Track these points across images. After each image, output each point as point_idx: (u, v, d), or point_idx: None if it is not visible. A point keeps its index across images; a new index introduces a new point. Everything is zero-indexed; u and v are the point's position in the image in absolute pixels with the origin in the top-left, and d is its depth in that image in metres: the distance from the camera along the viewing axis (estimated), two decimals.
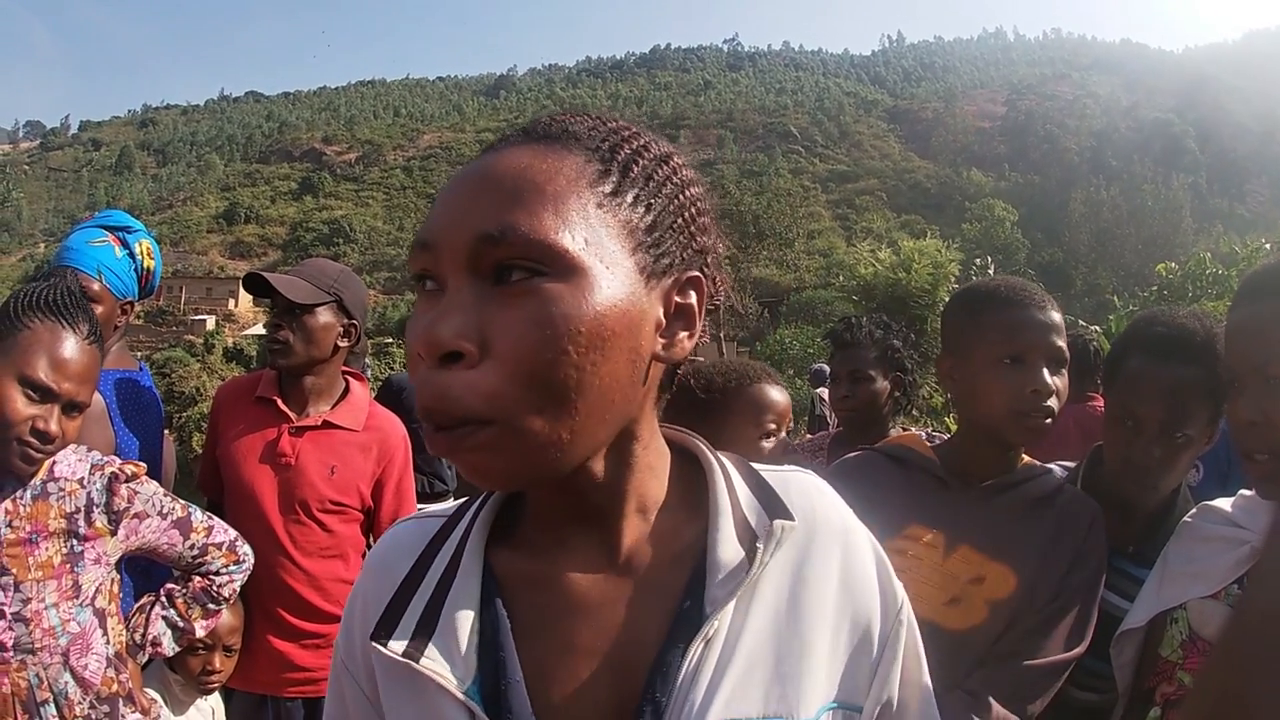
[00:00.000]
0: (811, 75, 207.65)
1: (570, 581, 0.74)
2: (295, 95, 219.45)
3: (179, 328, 65.54)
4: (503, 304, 0.62)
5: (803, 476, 0.83)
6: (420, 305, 0.66)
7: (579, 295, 0.62)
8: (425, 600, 0.74)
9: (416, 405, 0.62)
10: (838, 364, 2.72)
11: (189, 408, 24.64)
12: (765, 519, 0.74)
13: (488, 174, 0.66)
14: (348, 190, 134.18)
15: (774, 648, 0.72)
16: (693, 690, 0.68)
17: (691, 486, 0.78)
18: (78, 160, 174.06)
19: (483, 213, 0.63)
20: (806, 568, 0.75)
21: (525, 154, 0.66)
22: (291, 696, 2.31)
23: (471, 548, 0.76)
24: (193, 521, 1.90)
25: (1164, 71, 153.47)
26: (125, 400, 2.21)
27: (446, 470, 5.25)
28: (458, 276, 0.63)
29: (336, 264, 2.50)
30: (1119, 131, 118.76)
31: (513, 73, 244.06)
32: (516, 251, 0.62)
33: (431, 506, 0.89)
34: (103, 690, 1.69)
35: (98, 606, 1.71)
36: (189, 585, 1.95)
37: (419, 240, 0.66)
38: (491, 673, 0.70)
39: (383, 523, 2.41)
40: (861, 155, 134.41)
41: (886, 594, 0.79)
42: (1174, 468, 1.59)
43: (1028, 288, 1.60)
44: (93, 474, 1.73)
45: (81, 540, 1.68)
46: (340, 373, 2.45)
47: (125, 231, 2.32)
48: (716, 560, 0.72)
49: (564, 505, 0.74)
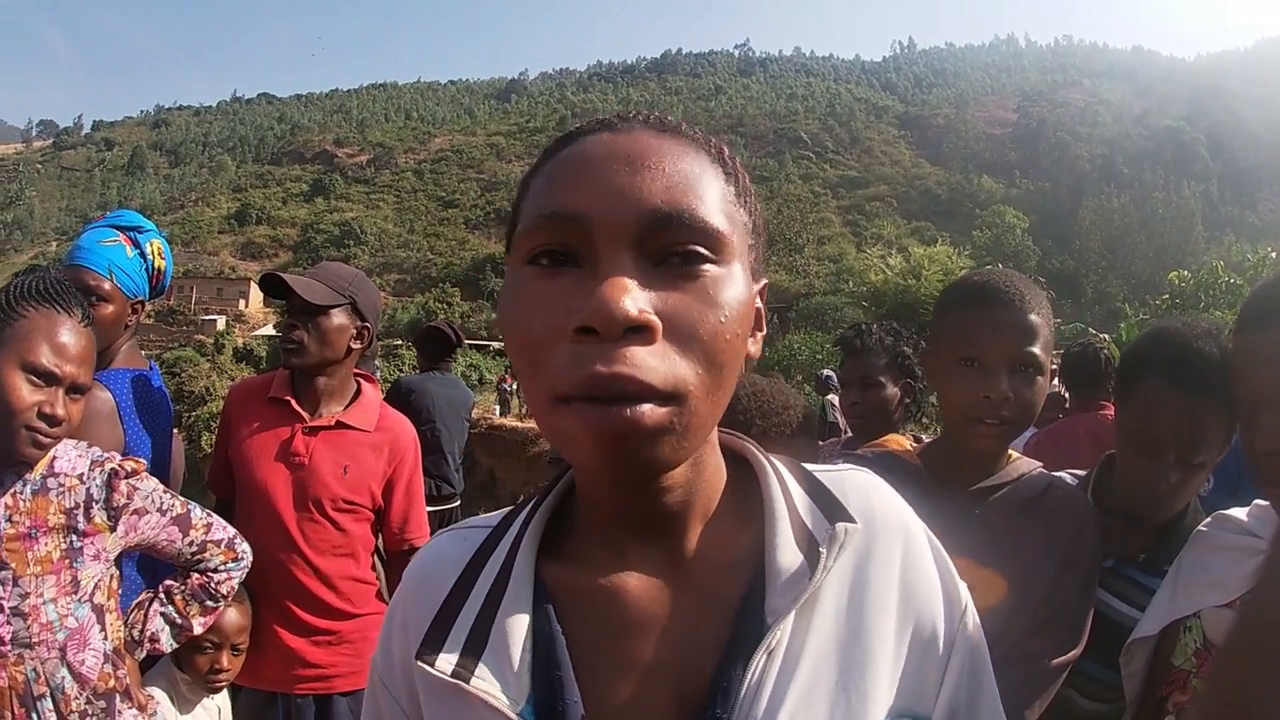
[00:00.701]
0: (822, 81, 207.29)
1: (626, 595, 0.71)
2: (307, 97, 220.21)
3: (189, 327, 65.85)
4: (674, 284, 0.62)
5: (859, 474, 0.79)
6: (543, 284, 0.63)
7: (735, 284, 0.64)
8: (474, 616, 0.72)
9: (579, 380, 0.59)
10: (848, 370, 2.72)
11: (198, 407, 24.75)
12: (825, 522, 0.71)
13: (644, 155, 0.64)
14: (359, 192, 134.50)
15: (837, 657, 0.69)
16: (755, 705, 0.65)
17: (744, 491, 0.75)
18: (90, 160, 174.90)
19: (654, 194, 0.62)
20: (868, 571, 0.72)
21: (670, 143, 0.66)
22: (303, 694, 2.33)
23: (522, 559, 0.73)
24: (192, 518, 1.92)
25: (1175, 79, 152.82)
26: (136, 399, 2.22)
27: (454, 474, 5.27)
28: (618, 253, 0.61)
29: (351, 268, 2.53)
30: (1130, 139, 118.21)
31: (524, 76, 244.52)
32: (690, 236, 0.62)
33: (474, 518, 0.87)
34: (100, 686, 1.70)
35: (96, 602, 1.73)
36: (187, 582, 1.97)
37: (558, 213, 0.63)
38: (546, 692, 0.68)
39: (392, 523, 2.44)
40: (872, 161, 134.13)
41: (950, 595, 0.76)
42: (1189, 489, 1.53)
43: (1006, 286, 1.51)
44: (92, 470, 1.75)
45: (81, 536, 1.69)
46: (352, 374, 2.48)
47: (136, 231, 2.34)
48: (776, 567, 0.69)
49: (630, 512, 0.71)
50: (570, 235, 0.62)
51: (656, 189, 0.62)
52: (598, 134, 0.67)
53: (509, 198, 68.32)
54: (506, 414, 22.26)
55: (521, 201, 0.69)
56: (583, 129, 0.69)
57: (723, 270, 0.64)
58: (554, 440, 0.63)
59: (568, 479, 0.80)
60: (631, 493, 0.69)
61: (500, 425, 16.90)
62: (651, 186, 0.62)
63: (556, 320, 0.61)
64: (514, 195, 0.72)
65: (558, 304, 0.61)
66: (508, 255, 0.71)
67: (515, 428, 16.44)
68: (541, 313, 0.62)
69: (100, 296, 2.19)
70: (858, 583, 0.71)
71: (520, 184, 0.71)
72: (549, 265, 0.63)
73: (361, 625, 2.38)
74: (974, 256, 19.21)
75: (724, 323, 0.62)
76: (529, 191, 0.68)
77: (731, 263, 0.65)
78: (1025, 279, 1.57)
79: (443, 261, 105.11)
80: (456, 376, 5.89)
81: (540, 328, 0.61)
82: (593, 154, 0.65)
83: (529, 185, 0.69)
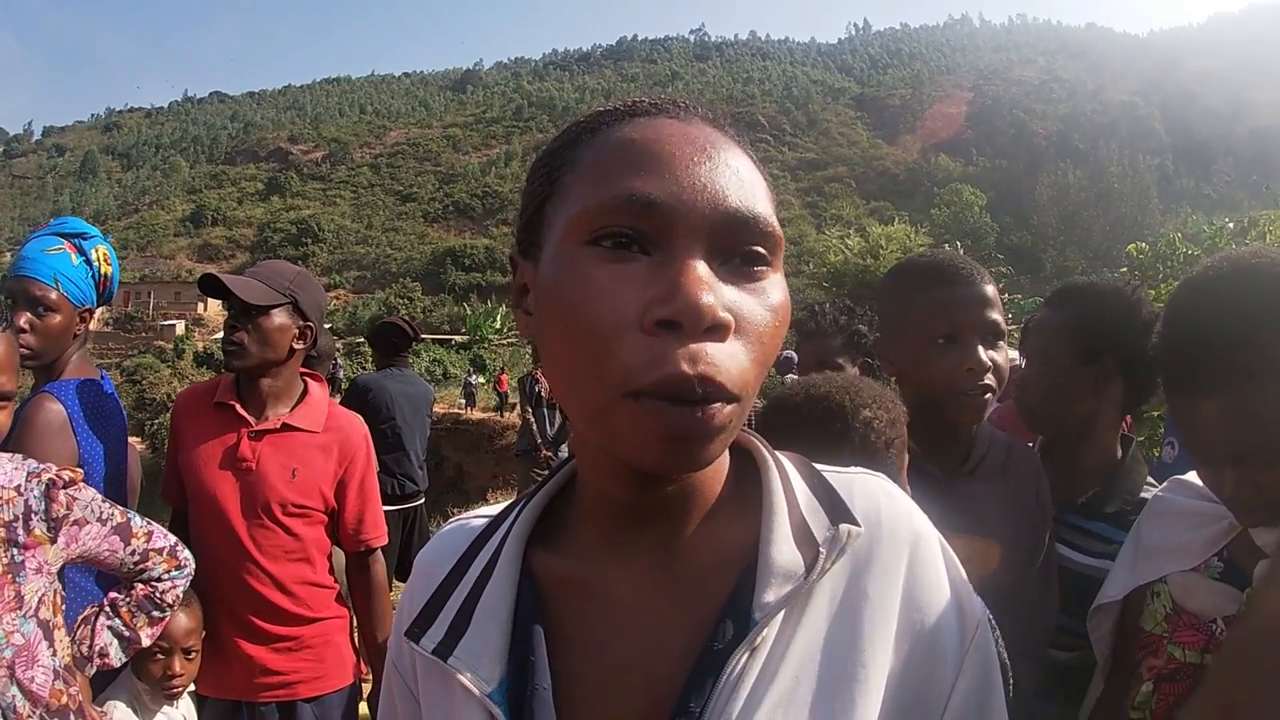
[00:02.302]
0: (779, 64, 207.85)
1: (612, 585, 0.71)
2: (260, 95, 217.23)
3: (148, 334, 64.77)
4: (738, 285, 0.62)
5: (868, 478, 0.76)
6: (609, 268, 0.61)
7: (782, 288, 0.65)
8: (462, 599, 0.73)
9: (659, 378, 0.57)
10: (805, 354, 2.69)
11: (160, 414, 24.38)
12: (826, 523, 0.69)
13: (717, 151, 0.64)
14: (315, 190, 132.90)
15: (826, 666, 0.65)
16: (731, 703, 0.63)
17: (745, 485, 0.74)
18: (41, 167, 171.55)
19: (734, 194, 0.62)
20: (867, 579, 0.69)
21: (729, 140, 0.67)
22: (265, 701, 2.30)
23: (510, 546, 0.74)
24: (132, 527, 1.87)
25: (1129, 55, 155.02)
26: (87, 408, 2.18)
27: (418, 471, 5.22)
28: (692, 248, 0.60)
29: (294, 266, 2.48)
30: (1085, 115, 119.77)
31: (479, 67, 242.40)
32: (756, 238, 0.62)
33: (483, 508, 0.86)
34: (52, 703, 1.66)
35: (41, 618, 1.68)
36: (132, 593, 1.93)
37: (637, 197, 0.60)
38: (520, 677, 0.68)
39: (347, 524, 2.39)
40: (830, 143, 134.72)
41: (963, 612, 0.71)
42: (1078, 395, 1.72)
43: (957, 262, 1.60)
44: (29, 481, 1.69)
45: (21, 549, 1.64)
46: (299, 375, 2.44)
47: (81, 238, 2.29)
48: (769, 563, 0.67)
49: (631, 505, 0.70)
50: (646, 222, 0.60)
51: (733, 188, 0.62)
52: (662, 119, 0.66)
53: (467, 189, 67.67)
54: (472, 408, 22.18)
55: (562, 173, 0.66)
56: (637, 108, 0.68)
57: (775, 274, 0.65)
58: (609, 434, 0.61)
59: (568, 470, 0.80)
60: (647, 488, 0.68)
61: (466, 420, 16.84)
62: (729, 184, 0.62)
63: (629, 310, 0.59)
64: (540, 167, 0.70)
65: (630, 293, 0.59)
66: (534, 231, 0.69)
67: (481, 421, 16.38)
68: (610, 301, 0.59)
69: (47, 307, 2.16)
70: (855, 589, 0.68)
71: (550, 154, 0.69)
72: (613, 248, 0.61)
73: (322, 630, 2.35)
74: (932, 234, 19.29)
75: (777, 326, 0.63)
76: (577, 165, 0.65)
77: (780, 267, 0.65)
78: (965, 256, 1.64)
79: (402, 256, 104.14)
80: (415, 373, 5.84)
81: (609, 317, 0.59)
82: (669, 141, 0.63)
83: (575, 159, 0.66)
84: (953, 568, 0.73)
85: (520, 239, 0.71)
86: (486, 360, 39.13)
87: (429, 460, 5.60)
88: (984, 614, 0.73)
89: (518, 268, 0.72)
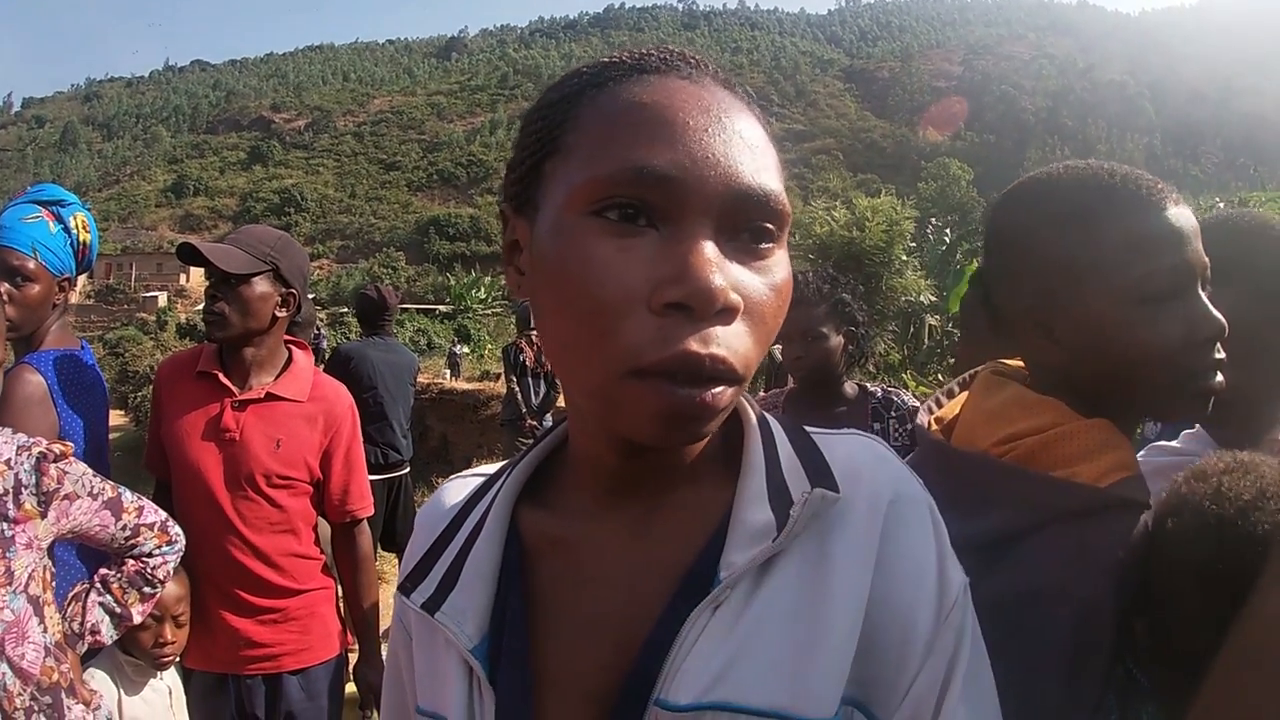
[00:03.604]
0: (767, 34, 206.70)
1: (596, 548, 0.70)
2: (242, 63, 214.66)
3: (130, 306, 64.40)
4: (747, 264, 0.60)
5: (854, 439, 0.74)
6: (614, 240, 0.58)
7: (786, 265, 0.63)
8: (453, 555, 0.74)
9: (668, 358, 0.56)
10: (789, 324, 2.64)
11: (143, 386, 24.21)
12: (806, 484, 0.66)
13: (730, 119, 0.61)
14: (298, 158, 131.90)
15: (789, 629, 0.63)
16: (689, 661, 0.62)
17: (730, 446, 0.72)
18: (21, 139, 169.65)
19: (748, 169, 0.60)
20: (838, 542, 0.66)
21: (741, 105, 0.64)
22: (251, 674, 2.28)
23: (498, 508, 0.74)
24: (123, 502, 1.85)
25: (1120, 34, 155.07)
26: (68, 380, 2.14)
27: (401, 440, 5.20)
28: (702, 222, 0.58)
29: (275, 231, 2.41)
30: (1074, 92, 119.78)
31: (464, 34, 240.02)
32: (766, 215, 0.60)
33: (482, 466, 0.86)
34: (43, 681, 1.64)
35: (31, 594, 1.66)
36: (123, 569, 1.90)
37: (649, 169, 0.58)
38: (499, 633, 0.69)
39: (333, 494, 2.37)
40: (818, 115, 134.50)
41: (944, 585, 0.67)
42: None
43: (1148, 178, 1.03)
44: (19, 455, 1.66)
45: (11, 524, 1.62)
46: (283, 343, 2.39)
47: (59, 206, 2.24)
48: (740, 522, 0.66)
49: (619, 469, 0.69)
50: (656, 195, 0.58)
51: (747, 161, 0.60)
52: (673, 78, 0.63)
53: (451, 158, 66.88)
54: (457, 378, 22.13)
55: (565, 130, 0.63)
56: (646, 64, 0.64)
57: (780, 251, 0.63)
58: (609, 410, 0.60)
59: (560, 431, 0.80)
60: (636, 455, 0.68)
61: (451, 390, 16.78)
62: (743, 158, 0.60)
63: (637, 287, 0.57)
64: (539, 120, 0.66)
65: (637, 271, 0.57)
66: (529, 187, 0.66)
67: (466, 391, 16.33)
68: (616, 277, 0.57)
69: (25, 277, 2.11)
70: (825, 553, 0.66)
71: (550, 106, 0.66)
72: (619, 220, 0.59)
73: (307, 602, 2.33)
74: (919, 207, 19.28)
75: (780, 305, 0.62)
76: (581, 125, 0.62)
77: (784, 243, 0.63)
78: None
79: (386, 225, 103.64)
80: (399, 341, 5.79)
81: (616, 293, 0.57)
82: (682, 107, 0.61)
83: (579, 117, 0.63)
84: (939, 535, 0.69)
85: (514, 193, 0.68)
86: (471, 330, 39.01)
87: (413, 430, 5.57)
88: (963, 586, 0.69)
89: (509, 222, 0.69)
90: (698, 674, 0.61)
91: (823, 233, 17.01)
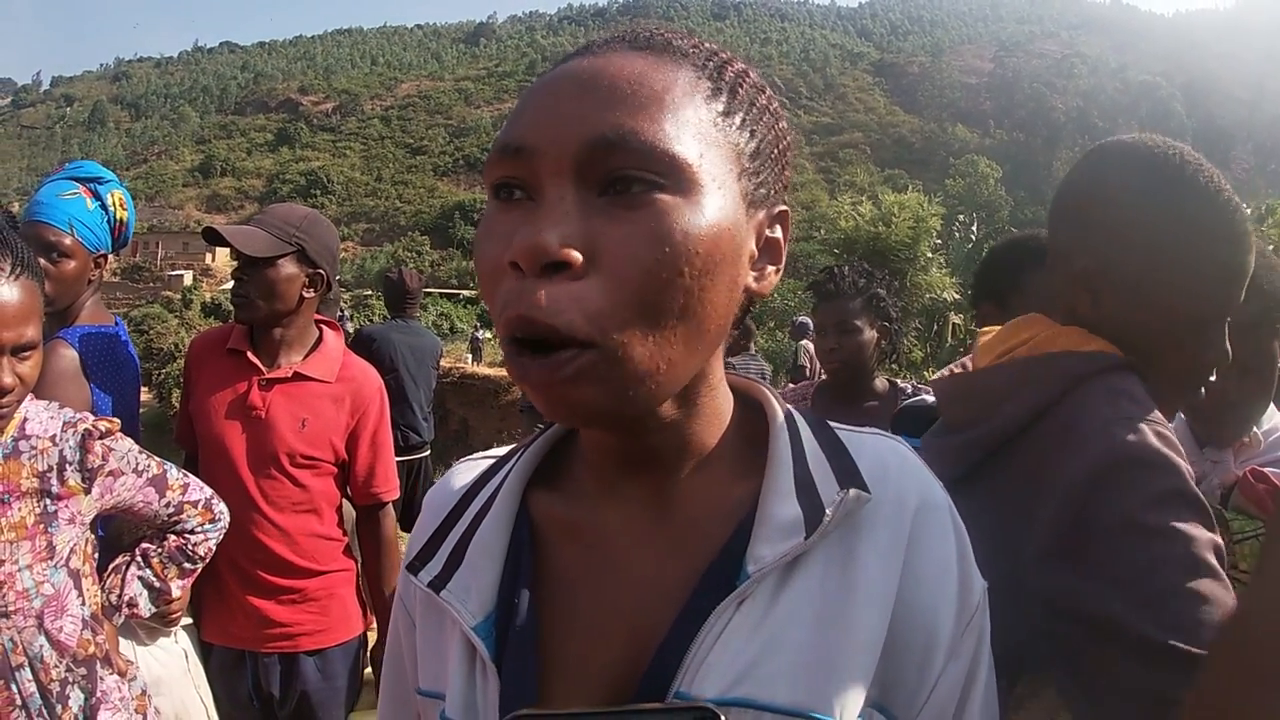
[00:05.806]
0: (797, 26, 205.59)
1: (609, 533, 0.70)
2: (271, 45, 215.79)
3: (156, 284, 64.81)
4: (613, 215, 0.56)
5: (880, 440, 0.73)
6: (500, 216, 0.60)
7: (697, 213, 0.58)
8: (460, 535, 0.73)
9: (504, 321, 0.57)
10: (823, 316, 2.65)
11: (168, 364, 24.48)
12: (835, 483, 0.65)
13: (597, 76, 0.59)
14: (325, 141, 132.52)
15: (818, 631, 0.62)
16: (711, 655, 0.60)
17: (754, 439, 0.71)
18: (50, 117, 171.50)
19: (597, 117, 0.57)
20: (868, 545, 0.65)
21: (636, 60, 0.61)
22: (269, 652, 2.28)
23: (508, 488, 0.73)
24: (168, 479, 1.85)
25: (1153, 34, 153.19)
26: (100, 357, 2.14)
27: (422, 423, 5.21)
28: (560, 184, 0.57)
29: (302, 209, 2.39)
30: (1106, 93, 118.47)
31: (493, 20, 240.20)
32: (634, 160, 0.56)
33: (493, 449, 0.85)
34: (79, 653, 1.64)
35: (72, 567, 1.66)
36: (164, 544, 1.90)
37: (507, 144, 0.59)
38: (507, 613, 0.68)
39: (358, 476, 2.36)
40: (846, 108, 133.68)
41: (964, 591, 0.67)
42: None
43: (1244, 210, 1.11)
44: (65, 431, 1.66)
45: (55, 500, 1.62)
46: (313, 322, 2.38)
47: (96, 182, 2.24)
48: (768, 517, 0.64)
49: (621, 450, 0.68)
50: (518, 168, 0.59)
51: (600, 112, 0.57)
52: (574, 61, 0.64)
53: (478, 143, 67.50)
54: (479, 362, 22.19)
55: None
56: (578, 51, 0.66)
57: (679, 199, 0.57)
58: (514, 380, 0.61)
59: None
60: (630, 435, 0.67)
61: (472, 374, 16.85)
62: (596, 110, 0.58)
63: (500, 255, 0.58)
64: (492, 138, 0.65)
65: (504, 239, 0.58)
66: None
67: (488, 376, 16.37)
68: (491, 247, 0.59)
69: (62, 252, 2.11)
70: (854, 555, 0.65)
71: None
72: (515, 199, 0.60)
73: (327, 582, 2.32)
74: (946, 205, 19.09)
75: (667, 258, 0.56)
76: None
77: (697, 191, 0.58)
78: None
79: (411, 210, 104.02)
80: (422, 325, 5.83)
81: (489, 263, 0.59)
82: (548, 81, 0.62)
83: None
84: (961, 540, 0.69)
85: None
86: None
87: (434, 414, 5.60)
88: (984, 590, 0.70)
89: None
90: (722, 669, 0.60)
91: (848, 227, 16.90)
